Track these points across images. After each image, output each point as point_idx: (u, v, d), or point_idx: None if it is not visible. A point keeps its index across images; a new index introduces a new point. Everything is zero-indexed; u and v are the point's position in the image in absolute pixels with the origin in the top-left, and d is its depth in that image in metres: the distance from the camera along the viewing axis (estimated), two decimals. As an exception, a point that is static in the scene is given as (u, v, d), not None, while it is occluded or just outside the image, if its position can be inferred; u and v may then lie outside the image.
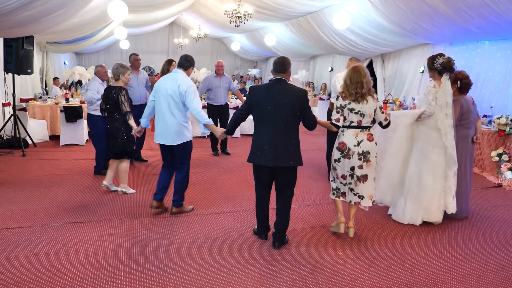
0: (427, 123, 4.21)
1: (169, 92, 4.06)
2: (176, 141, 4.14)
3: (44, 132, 8.27)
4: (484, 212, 4.72)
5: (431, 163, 4.17)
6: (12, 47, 6.95)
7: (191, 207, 4.51)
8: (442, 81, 4.16)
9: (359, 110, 3.65)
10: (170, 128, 4.11)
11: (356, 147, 3.68)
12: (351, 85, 3.64)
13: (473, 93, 7.63)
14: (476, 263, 3.45)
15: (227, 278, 3.08)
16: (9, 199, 4.74)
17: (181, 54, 4.37)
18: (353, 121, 3.69)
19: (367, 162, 3.70)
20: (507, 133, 6.09)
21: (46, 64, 12.10)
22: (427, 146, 4.20)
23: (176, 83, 4.05)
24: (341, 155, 3.74)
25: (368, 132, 3.71)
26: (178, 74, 4.15)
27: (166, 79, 4.18)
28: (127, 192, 5.02)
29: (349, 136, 3.70)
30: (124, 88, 4.83)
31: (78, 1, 6.75)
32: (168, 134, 4.13)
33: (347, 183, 3.79)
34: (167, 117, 4.11)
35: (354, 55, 11.37)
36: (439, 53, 4.28)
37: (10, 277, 3.00)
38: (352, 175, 3.73)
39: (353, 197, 3.81)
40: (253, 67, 20.71)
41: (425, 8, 6.67)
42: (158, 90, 4.15)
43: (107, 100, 4.84)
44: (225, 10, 9.52)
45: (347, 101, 3.66)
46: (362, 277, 3.16)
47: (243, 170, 6.33)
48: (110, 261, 3.30)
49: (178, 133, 4.12)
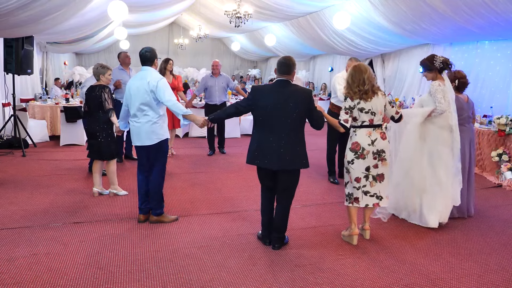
0: (437, 122, 4.16)
1: (140, 92, 3.91)
2: (150, 141, 3.96)
3: (44, 132, 8.27)
4: (484, 212, 4.72)
5: (444, 162, 4.14)
6: (12, 47, 6.96)
7: (174, 217, 4.22)
8: (444, 78, 4.16)
9: (370, 109, 3.58)
10: (143, 128, 3.96)
11: (370, 146, 3.61)
12: (353, 84, 3.59)
13: (473, 93, 7.68)
14: (476, 263, 3.45)
15: (227, 278, 3.08)
16: (9, 199, 4.74)
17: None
18: (364, 121, 3.62)
19: (382, 161, 3.64)
20: (507, 133, 6.09)
21: (46, 64, 12.11)
22: (440, 147, 4.16)
23: (145, 81, 3.90)
24: (355, 156, 3.64)
25: (380, 131, 3.66)
26: (146, 72, 3.98)
27: (135, 79, 4.02)
28: (118, 194, 4.95)
29: (362, 136, 3.63)
30: (107, 86, 4.76)
31: (78, 2, 6.75)
32: (142, 134, 3.97)
33: (360, 187, 3.67)
34: (140, 118, 3.97)
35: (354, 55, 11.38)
36: (431, 54, 4.27)
37: (10, 277, 3.00)
38: (367, 176, 3.64)
39: (369, 200, 3.68)
40: (253, 67, 20.71)
41: (425, 8, 6.67)
42: (129, 91, 4.01)
43: (89, 100, 4.75)
44: (225, 10, 9.53)
45: (356, 101, 3.59)
46: (362, 277, 3.16)
47: (243, 170, 6.33)
48: (110, 261, 3.30)
49: (152, 133, 3.95)
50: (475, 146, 6.13)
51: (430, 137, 4.20)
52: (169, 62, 6.76)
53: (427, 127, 4.21)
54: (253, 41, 16.23)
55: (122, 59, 6.38)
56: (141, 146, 4.03)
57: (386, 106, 3.67)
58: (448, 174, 4.13)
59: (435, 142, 4.17)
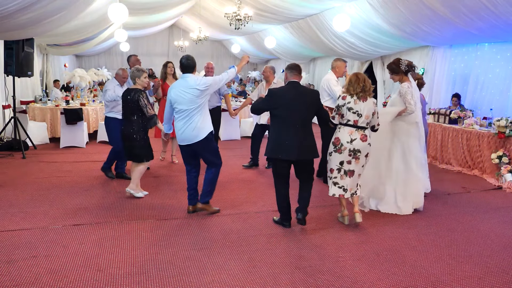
0: (406, 119, 4.63)
1: (186, 96, 4.12)
2: (197, 138, 4.18)
3: (44, 134, 8.27)
4: (484, 214, 4.72)
5: (414, 154, 4.63)
6: (12, 49, 6.97)
7: (217, 208, 4.55)
8: (410, 79, 4.62)
9: (357, 110, 3.99)
10: (191, 127, 4.17)
11: (348, 143, 4.02)
12: (356, 82, 4.00)
13: (473, 95, 7.71)
14: (477, 265, 3.44)
15: (228, 281, 3.08)
16: (9, 201, 4.74)
17: (182, 57, 4.35)
18: (349, 120, 4.03)
19: (356, 159, 4.05)
20: (507, 135, 6.09)
21: (47, 67, 12.12)
22: (411, 141, 4.64)
23: (193, 83, 4.14)
24: (334, 149, 4.11)
25: (362, 133, 4.06)
26: (188, 78, 4.20)
27: (177, 87, 4.20)
28: (135, 195, 4.93)
29: (344, 133, 4.06)
30: (142, 90, 4.75)
31: (79, 4, 6.76)
32: (189, 133, 4.19)
33: (332, 177, 4.15)
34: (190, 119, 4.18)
35: (354, 57, 11.41)
36: (396, 58, 4.70)
37: (10, 280, 2.99)
38: (339, 169, 4.09)
39: (336, 190, 4.14)
40: (253, 69, 20.74)
41: (425, 11, 6.68)
42: (174, 97, 4.19)
43: (124, 103, 4.82)
44: (225, 13, 9.53)
45: (347, 101, 4.01)
46: (362, 280, 3.16)
47: (243, 171, 6.33)
48: (110, 263, 3.30)
49: (199, 129, 4.17)
50: (476, 148, 6.65)
51: (401, 133, 4.66)
52: (168, 65, 6.61)
53: (398, 124, 4.67)
54: (253, 43, 16.24)
55: (133, 63, 6.26)
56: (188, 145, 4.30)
57: (374, 115, 4.09)
58: (418, 164, 4.66)
59: (406, 136, 4.65)
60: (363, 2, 7.94)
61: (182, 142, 4.25)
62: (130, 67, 6.20)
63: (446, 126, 7.19)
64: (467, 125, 6.82)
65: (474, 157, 6.62)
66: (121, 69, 5.88)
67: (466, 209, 4.90)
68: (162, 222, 4.24)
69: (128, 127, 4.79)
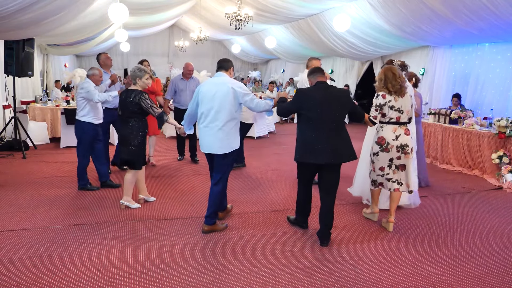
0: None
1: (217, 95, 3.80)
2: (220, 150, 3.84)
3: (45, 134, 8.28)
4: (484, 214, 4.72)
5: None
6: (13, 49, 6.98)
7: (224, 225, 4.13)
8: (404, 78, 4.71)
9: (398, 107, 4.00)
10: (215, 136, 3.83)
11: (394, 141, 4.03)
12: (393, 78, 3.95)
13: (473, 95, 7.70)
14: (477, 265, 3.44)
15: (228, 281, 3.08)
16: (10, 201, 4.74)
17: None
18: (392, 118, 4.04)
19: (405, 154, 4.04)
20: (507, 136, 6.08)
21: (47, 67, 12.13)
22: None
23: (227, 85, 3.83)
24: (380, 149, 4.09)
25: (405, 127, 4.08)
26: (224, 77, 3.94)
27: (209, 84, 3.91)
28: (130, 207, 4.62)
29: (388, 131, 4.06)
30: (144, 92, 4.43)
31: (79, 4, 6.77)
32: (213, 141, 3.85)
33: (384, 174, 4.13)
34: (213, 123, 3.83)
35: (354, 57, 11.41)
36: (389, 59, 4.75)
37: (10, 280, 2.99)
38: (390, 166, 4.10)
39: (391, 185, 4.11)
40: (253, 69, 20.75)
41: (425, 11, 6.68)
42: (204, 95, 3.87)
43: (122, 104, 4.46)
44: (226, 13, 9.53)
45: (387, 99, 4.00)
46: (363, 280, 3.15)
47: (243, 172, 6.33)
48: (110, 263, 3.30)
49: (224, 140, 3.83)
50: (476, 148, 6.63)
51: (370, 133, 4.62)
52: (144, 63, 6.26)
53: None
54: (254, 43, 16.26)
55: (103, 61, 5.90)
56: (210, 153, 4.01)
57: (412, 108, 4.13)
58: None
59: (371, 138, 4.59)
60: (364, 2, 7.95)
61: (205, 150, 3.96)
62: (101, 65, 5.86)
63: (446, 126, 7.19)
64: (467, 125, 6.82)
65: (475, 157, 6.62)
66: (97, 69, 5.27)
67: (467, 209, 4.90)
68: (162, 222, 4.24)
69: (125, 131, 4.46)
